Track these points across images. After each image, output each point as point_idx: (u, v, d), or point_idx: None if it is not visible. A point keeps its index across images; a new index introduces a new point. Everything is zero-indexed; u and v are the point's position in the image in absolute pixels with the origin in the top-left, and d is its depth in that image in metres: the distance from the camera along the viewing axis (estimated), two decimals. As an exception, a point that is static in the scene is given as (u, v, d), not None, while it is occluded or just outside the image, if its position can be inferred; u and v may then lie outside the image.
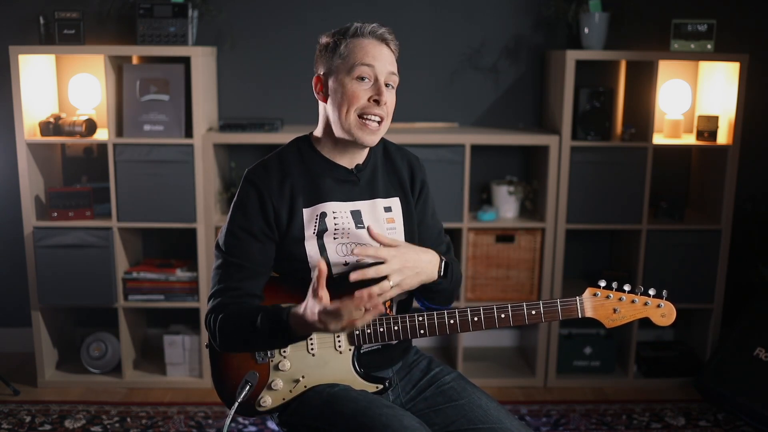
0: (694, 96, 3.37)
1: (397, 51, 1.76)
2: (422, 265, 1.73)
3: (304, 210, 1.75)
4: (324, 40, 1.76)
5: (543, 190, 3.24)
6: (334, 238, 1.75)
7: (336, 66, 1.72)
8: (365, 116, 1.70)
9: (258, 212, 1.73)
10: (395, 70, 1.74)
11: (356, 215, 1.78)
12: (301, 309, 1.58)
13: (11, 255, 3.47)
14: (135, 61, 3.25)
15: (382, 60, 1.70)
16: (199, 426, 2.91)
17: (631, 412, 3.07)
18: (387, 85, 1.72)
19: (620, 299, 1.73)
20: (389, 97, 1.73)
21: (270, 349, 1.73)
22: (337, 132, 1.74)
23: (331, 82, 1.73)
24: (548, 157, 3.16)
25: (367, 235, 1.75)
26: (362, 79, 1.70)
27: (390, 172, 1.86)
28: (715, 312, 3.28)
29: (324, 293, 1.54)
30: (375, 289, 1.59)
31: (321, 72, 1.76)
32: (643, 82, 3.21)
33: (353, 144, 1.74)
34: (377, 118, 1.71)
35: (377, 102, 1.69)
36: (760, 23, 3.40)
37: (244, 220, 1.73)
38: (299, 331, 1.61)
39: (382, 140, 1.89)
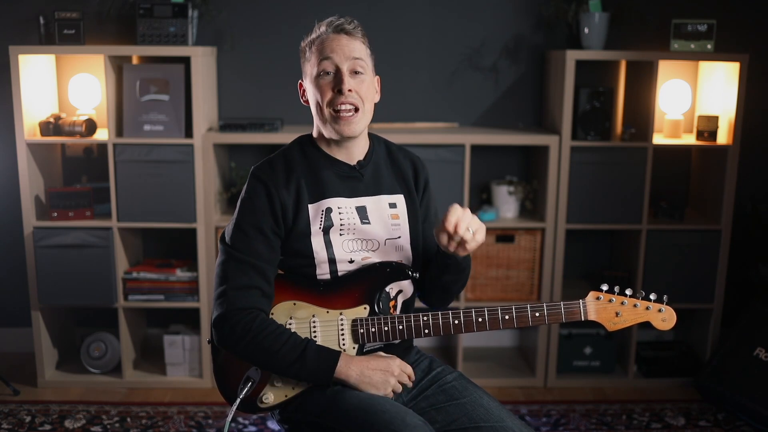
0: (694, 96, 3.38)
1: (361, 35, 1.77)
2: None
3: (309, 205, 1.76)
4: (301, 46, 1.82)
5: (543, 190, 3.24)
6: (341, 234, 1.76)
7: (307, 70, 1.79)
8: (336, 108, 1.73)
9: (266, 208, 1.73)
10: (361, 55, 1.75)
11: (361, 211, 1.79)
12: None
13: (11, 255, 3.47)
14: (135, 61, 3.25)
15: (339, 49, 1.73)
16: (199, 426, 2.91)
17: (631, 412, 3.07)
18: (356, 72, 1.74)
19: (622, 303, 1.76)
20: (356, 84, 1.74)
21: (292, 377, 1.72)
22: (324, 132, 1.79)
23: (307, 86, 1.80)
24: (548, 157, 3.16)
25: (372, 231, 1.78)
26: (327, 73, 1.74)
27: (394, 169, 1.88)
28: (715, 312, 3.28)
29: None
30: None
31: (302, 78, 1.83)
32: (643, 82, 3.22)
33: (344, 139, 1.77)
34: (348, 107, 1.73)
35: (340, 91, 1.72)
36: (760, 23, 3.40)
37: (252, 217, 1.73)
38: (344, 370, 1.69)
39: (384, 140, 1.92)
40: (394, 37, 3.38)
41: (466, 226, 1.66)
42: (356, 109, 1.74)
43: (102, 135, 3.16)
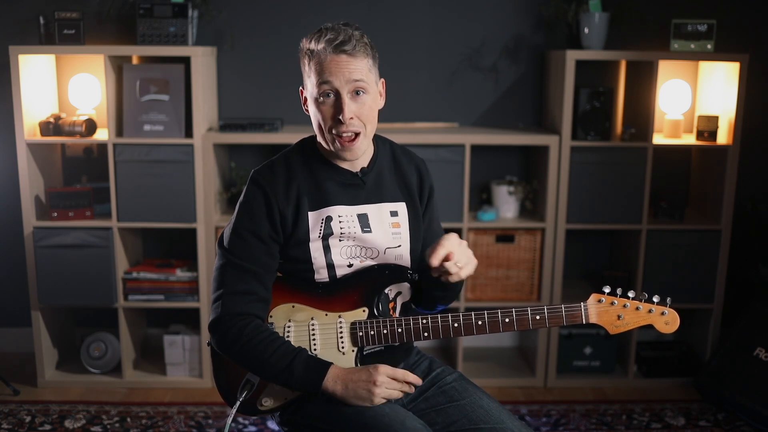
0: (694, 96, 3.37)
1: (362, 50, 1.69)
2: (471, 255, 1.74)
3: (309, 213, 1.75)
4: (301, 46, 1.74)
5: (543, 190, 3.24)
6: (340, 241, 1.76)
7: (307, 85, 1.73)
8: (337, 133, 1.70)
9: (264, 215, 1.72)
10: (361, 75, 1.68)
11: (363, 219, 1.78)
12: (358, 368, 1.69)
13: (11, 255, 3.47)
14: (135, 61, 3.25)
15: (339, 72, 1.66)
16: (199, 426, 2.91)
17: (631, 412, 3.07)
18: (357, 92, 1.69)
19: (624, 306, 1.72)
20: (357, 107, 1.69)
21: (282, 386, 1.71)
22: (326, 146, 1.75)
23: (308, 100, 1.75)
24: (548, 157, 3.16)
25: (373, 239, 1.77)
26: (327, 96, 1.68)
27: (397, 176, 1.85)
28: (715, 312, 3.28)
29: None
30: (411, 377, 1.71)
31: (303, 86, 1.77)
32: (643, 82, 3.21)
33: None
34: (349, 134, 1.70)
35: (340, 120, 1.68)
36: (760, 23, 3.40)
37: (250, 222, 1.72)
38: (330, 385, 1.66)
39: (389, 142, 1.89)
40: (394, 37, 3.38)
41: (455, 261, 1.66)
42: (358, 134, 1.71)
43: (102, 135, 3.16)
